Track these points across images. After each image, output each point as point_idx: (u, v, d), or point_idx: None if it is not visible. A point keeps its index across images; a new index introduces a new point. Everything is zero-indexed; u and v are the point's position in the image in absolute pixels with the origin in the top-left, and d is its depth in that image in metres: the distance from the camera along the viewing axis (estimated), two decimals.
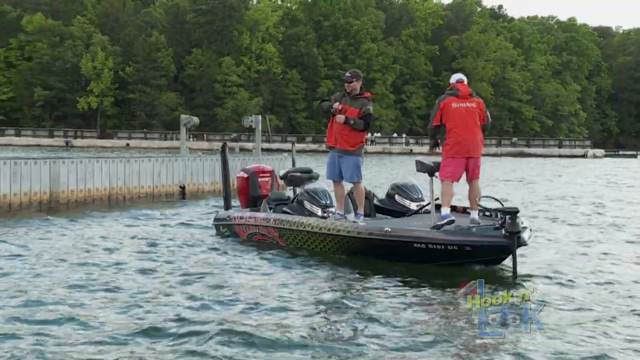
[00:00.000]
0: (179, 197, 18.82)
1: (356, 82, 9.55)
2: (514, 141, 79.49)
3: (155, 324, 6.12)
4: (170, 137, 73.16)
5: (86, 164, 16.21)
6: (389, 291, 7.54)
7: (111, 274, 8.29)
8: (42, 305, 6.74)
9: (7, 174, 14.16)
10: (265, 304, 6.87)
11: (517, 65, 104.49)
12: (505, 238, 8.18)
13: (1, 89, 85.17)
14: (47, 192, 15.09)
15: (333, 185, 9.81)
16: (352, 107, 9.45)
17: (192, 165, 19.66)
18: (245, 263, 9.10)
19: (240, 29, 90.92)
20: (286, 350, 5.49)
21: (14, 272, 8.30)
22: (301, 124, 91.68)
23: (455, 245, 8.43)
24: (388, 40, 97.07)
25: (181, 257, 9.48)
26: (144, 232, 11.99)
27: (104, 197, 16.63)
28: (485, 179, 30.47)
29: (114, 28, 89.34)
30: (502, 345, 5.65)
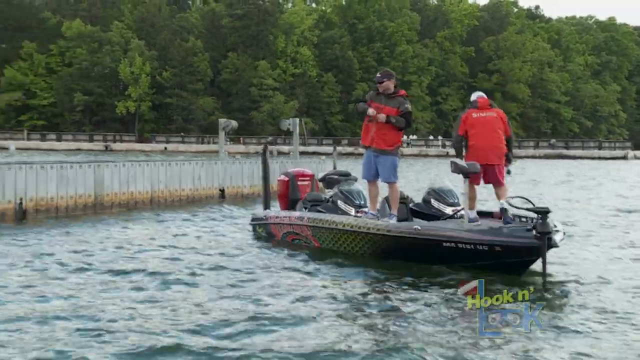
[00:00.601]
0: (218, 200, 19.00)
1: (388, 82, 9.41)
2: (553, 143, 78.55)
3: (186, 326, 6.17)
4: (207, 141, 73.91)
5: (129, 168, 16.45)
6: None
7: (146, 277, 8.34)
8: (87, 308, 6.81)
9: (54, 177, 14.44)
10: (282, 305, 6.93)
11: (554, 66, 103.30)
12: (535, 239, 8.00)
13: (42, 95, 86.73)
14: (92, 195, 15.35)
15: (368, 185, 9.78)
16: (388, 107, 9.36)
17: (231, 168, 19.83)
18: (277, 265, 9.12)
19: (275, 33, 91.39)
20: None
21: (54, 274, 8.42)
22: (337, 127, 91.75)
23: (485, 245, 8.28)
24: (423, 42, 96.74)
25: (217, 259, 9.53)
26: (183, 235, 12.13)
27: (146, 200, 16.86)
28: (522, 179, 30.23)
29: (150, 33, 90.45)
30: (524, 347, 5.59)
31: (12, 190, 13.68)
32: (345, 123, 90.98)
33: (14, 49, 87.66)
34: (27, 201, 13.93)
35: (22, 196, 13.83)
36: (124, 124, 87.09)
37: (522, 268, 8.36)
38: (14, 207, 13.69)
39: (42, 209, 14.26)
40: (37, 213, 14.13)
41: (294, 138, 22.86)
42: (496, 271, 8.16)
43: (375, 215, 9.60)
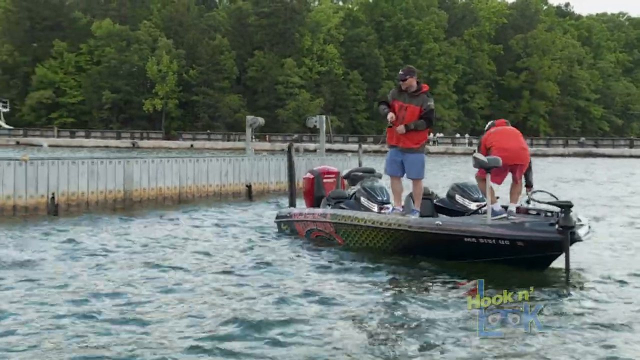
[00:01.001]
0: (245, 196, 19.16)
1: (411, 79, 9.34)
2: (582, 141, 77.72)
3: (207, 322, 6.20)
4: (233, 138, 74.30)
5: (157, 164, 16.68)
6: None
7: (171, 270, 8.40)
8: (114, 302, 6.87)
9: (85, 173, 14.70)
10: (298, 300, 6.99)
11: (584, 64, 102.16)
12: (558, 233, 7.87)
13: (72, 93, 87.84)
14: (121, 191, 15.59)
15: (391, 181, 9.76)
16: (412, 105, 9.31)
17: (257, 165, 19.99)
18: (300, 261, 9.14)
19: (301, 31, 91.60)
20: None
21: (82, 268, 8.53)
22: (362, 124, 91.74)
23: (507, 240, 8.19)
24: (451, 40, 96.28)
25: (240, 255, 9.61)
26: (209, 230, 12.26)
27: (175, 196, 17.07)
28: (546, 177, 30.07)
29: (178, 32, 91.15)
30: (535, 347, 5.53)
31: (45, 185, 13.97)
32: (371, 121, 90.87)
33: (45, 48, 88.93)
34: (59, 196, 14.20)
35: (54, 191, 14.10)
36: (151, 122, 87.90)
37: (545, 263, 8.29)
38: (46, 202, 13.97)
39: (74, 203, 14.54)
40: (68, 207, 14.40)
41: (320, 135, 22.95)
42: (519, 266, 8.10)
43: (400, 211, 9.58)
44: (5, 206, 13.35)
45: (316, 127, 23.13)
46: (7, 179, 13.36)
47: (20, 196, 13.57)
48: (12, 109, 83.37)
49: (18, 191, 13.55)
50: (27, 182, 13.69)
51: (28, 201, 13.71)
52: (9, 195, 13.39)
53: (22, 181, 13.61)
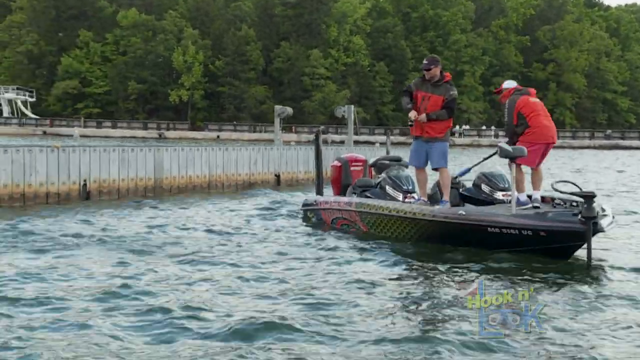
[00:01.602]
0: (274, 185, 19.16)
1: (435, 68, 9.35)
2: (609, 133, 76.80)
3: (222, 308, 6.19)
4: (259, 130, 74.43)
5: (187, 152, 16.72)
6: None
7: (193, 258, 8.41)
8: (131, 287, 6.86)
9: (116, 160, 14.76)
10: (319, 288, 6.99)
11: (612, 56, 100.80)
12: (580, 223, 7.86)
13: (98, 83, 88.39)
14: (151, 178, 15.65)
15: (416, 172, 9.80)
16: (435, 95, 9.33)
17: (286, 154, 19.98)
18: (321, 251, 9.08)
19: (328, 22, 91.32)
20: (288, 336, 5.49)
21: (104, 256, 8.50)
22: (388, 116, 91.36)
23: (529, 230, 8.22)
24: (477, 32, 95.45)
25: (264, 244, 9.57)
26: (235, 219, 12.23)
27: (204, 184, 17.11)
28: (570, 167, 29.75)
29: (204, 22, 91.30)
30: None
31: (77, 172, 14.04)
32: (397, 113, 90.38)
33: (70, 38, 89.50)
34: (91, 182, 14.28)
35: (86, 178, 14.18)
36: (176, 112, 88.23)
37: (568, 253, 8.29)
38: (78, 188, 14.04)
39: (105, 190, 14.62)
40: (99, 194, 14.49)
41: (348, 125, 22.88)
42: (542, 255, 8.11)
43: (425, 201, 9.61)
44: (39, 193, 13.45)
45: (344, 117, 23.05)
46: (40, 166, 13.45)
47: (52, 183, 13.67)
48: (38, 98, 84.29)
49: (51, 178, 13.65)
50: (59, 169, 13.77)
51: (60, 188, 13.81)
52: (42, 182, 13.49)
53: (55, 168, 13.71)
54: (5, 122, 73.80)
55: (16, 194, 13.09)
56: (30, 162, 13.26)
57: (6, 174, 12.94)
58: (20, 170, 13.12)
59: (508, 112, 9.31)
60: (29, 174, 13.25)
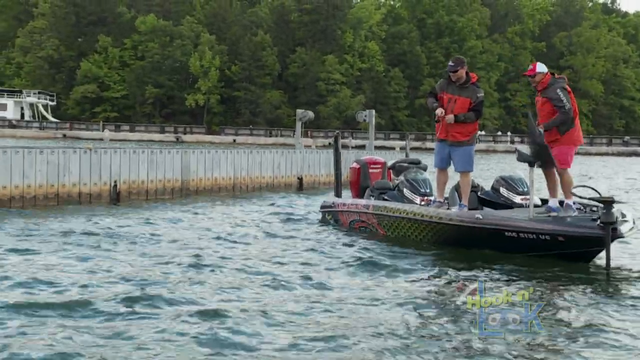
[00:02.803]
0: (296, 188, 19.46)
1: (461, 70, 9.12)
2: (627, 140, 76.59)
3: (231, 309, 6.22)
4: (275, 134, 74.92)
5: (213, 155, 17.05)
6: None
7: (214, 260, 8.48)
8: (148, 286, 6.96)
9: (145, 162, 15.10)
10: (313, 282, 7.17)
11: (630, 62, 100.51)
12: (599, 229, 7.80)
13: (116, 87, 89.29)
14: (179, 180, 15.98)
15: (437, 173, 9.64)
16: (462, 97, 9.15)
17: (308, 157, 20.28)
18: (340, 254, 9.05)
19: (343, 28, 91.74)
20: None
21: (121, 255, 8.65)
22: (403, 122, 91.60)
23: (547, 235, 8.16)
24: (493, 38, 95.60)
25: (284, 246, 9.63)
26: (259, 220, 12.40)
27: (229, 186, 17.43)
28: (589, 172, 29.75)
29: (221, 28, 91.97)
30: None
31: (108, 173, 14.39)
32: (412, 118, 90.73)
33: (90, 43, 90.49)
34: (121, 184, 14.62)
35: (116, 179, 14.53)
36: (192, 117, 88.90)
37: (587, 258, 8.25)
38: (109, 189, 14.40)
39: (134, 191, 14.96)
40: (129, 195, 14.82)
41: (369, 130, 23.15)
42: (561, 260, 8.07)
43: (441, 202, 9.57)
44: (71, 193, 13.79)
45: (365, 121, 23.34)
46: (73, 167, 13.79)
47: (85, 184, 14.00)
48: (57, 102, 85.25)
49: (83, 179, 13.98)
50: (91, 170, 14.12)
51: (92, 189, 14.14)
52: (74, 182, 13.83)
53: (87, 169, 14.05)
54: (27, 125, 74.77)
55: (50, 194, 13.44)
56: (64, 163, 13.61)
57: (41, 174, 13.29)
58: (55, 171, 13.48)
59: (566, 96, 8.78)
60: (62, 175, 13.60)
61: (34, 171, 13.22)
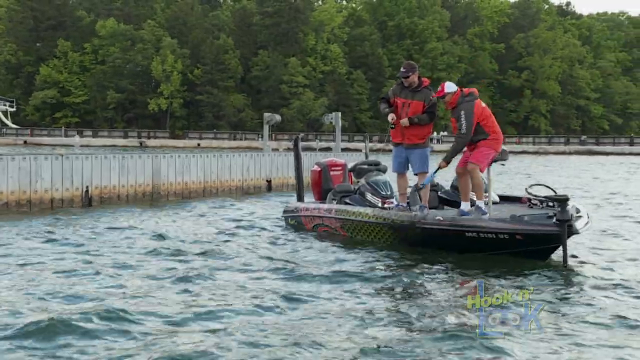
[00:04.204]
0: (265, 190, 19.75)
1: (413, 75, 9.38)
2: (583, 139, 78.40)
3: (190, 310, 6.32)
4: (239, 137, 75.00)
5: (183, 159, 17.26)
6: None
7: (180, 262, 8.62)
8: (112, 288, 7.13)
9: (116, 167, 15.25)
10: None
11: (585, 63, 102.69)
12: (555, 226, 8.07)
13: (76, 92, 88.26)
14: (149, 184, 16.15)
15: (397, 179, 9.87)
16: (415, 100, 9.36)
17: (276, 160, 20.58)
18: (300, 254, 9.19)
19: (305, 30, 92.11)
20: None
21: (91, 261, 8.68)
22: (366, 123, 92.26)
23: (506, 234, 8.39)
24: (453, 40, 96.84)
25: (240, 249, 9.65)
26: (227, 223, 12.47)
27: (199, 190, 17.64)
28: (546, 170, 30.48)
29: (182, 31, 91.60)
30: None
31: (80, 179, 14.52)
32: (375, 120, 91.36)
33: (49, 47, 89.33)
34: (93, 189, 14.75)
35: (88, 184, 14.66)
36: (155, 121, 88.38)
37: (545, 255, 8.50)
38: (81, 194, 14.52)
39: (106, 196, 15.11)
40: (101, 200, 14.96)
41: (336, 133, 23.52)
42: (519, 257, 8.30)
43: (404, 206, 9.69)
44: (44, 199, 13.90)
45: (332, 123, 23.70)
46: (45, 173, 13.90)
47: (57, 189, 14.12)
48: (17, 108, 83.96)
49: (55, 185, 14.09)
50: (63, 176, 14.23)
51: (64, 194, 14.26)
52: (46, 188, 13.94)
53: (59, 175, 14.16)
54: None
55: (23, 200, 13.54)
56: (35, 170, 13.73)
57: (13, 180, 13.39)
58: (27, 177, 13.58)
59: (467, 120, 8.88)
60: (34, 181, 13.70)
61: (6, 178, 13.32)
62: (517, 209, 9.49)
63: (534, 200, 9.69)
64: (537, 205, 9.60)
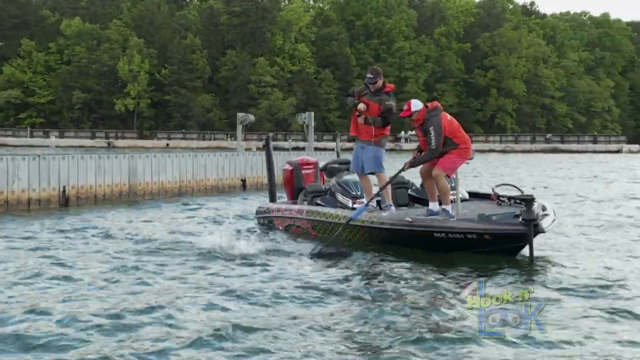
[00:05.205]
0: (240, 189, 19.87)
1: (380, 80, 9.70)
2: (549, 137, 79.70)
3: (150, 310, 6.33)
4: (208, 137, 74.81)
5: (159, 159, 17.31)
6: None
7: (150, 262, 8.59)
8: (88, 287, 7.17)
9: (92, 167, 15.26)
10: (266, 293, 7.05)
11: (549, 62, 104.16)
12: (522, 226, 8.29)
13: (41, 92, 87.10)
14: (126, 184, 16.19)
15: (359, 178, 10.04)
16: (373, 102, 9.64)
17: (251, 159, 20.71)
18: (268, 255, 9.13)
19: (273, 30, 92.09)
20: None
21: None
22: (334, 123, 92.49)
23: (474, 234, 8.59)
24: (420, 39, 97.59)
25: (226, 247, 9.53)
26: (202, 221, 12.50)
27: (175, 189, 17.71)
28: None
29: (149, 31, 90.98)
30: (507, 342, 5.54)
31: (57, 179, 14.51)
32: (343, 119, 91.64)
33: (12, 47, 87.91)
34: (70, 189, 14.75)
35: (65, 184, 14.65)
36: (122, 121, 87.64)
37: (512, 254, 8.69)
38: (58, 194, 14.51)
39: (83, 196, 15.11)
40: (78, 200, 14.96)
41: (309, 132, 23.70)
42: (486, 255, 8.48)
43: (374, 207, 9.78)
44: (21, 199, 13.86)
45: (305, 123, 23.89)
46: (22, 174, 13.87)
47: (34, 189, 14.09)
48: None
49: (32, 185, 14.07)
50: (40, 176, 14.21)
51: (41, 194, 14.24)
52: (23, 189, 13.91)
53: (36, 175, 14.14)
54: None
55: (0, 200, 13.50)
56: (13, 170, 13.68)
57: None
58: (4, 177, 13.54)
59: (436, 135, 9.08)
60: (11, 181, 13.67)
61: None
62: (485, 206, 9.71)
63: (503, 197, 9.89)
64: (505, 203, 9.80)
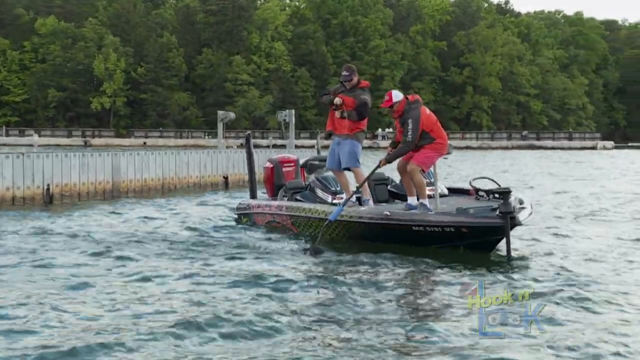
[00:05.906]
0: (222, 187, 20.00)
1: (355, 78, 9.84)
2: (525, 134, 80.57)
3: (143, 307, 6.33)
4: (185, 135, 74.63)
5: (142, 156, 17.39)
6: (388, 289, 7.16)
7: (130, 260, 8.57)
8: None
9: (76, 165, 15.31)
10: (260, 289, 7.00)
11: (524, 60, 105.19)
12: (499, 219, 8.27)
13: (16, 91, 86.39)
14: (109, 182, 16.25)
15: (336, 175, 10.10)
16: (348, 97, 9.73)
17: (232, 157, 20.84)
18: (251, 251, 9.13)
19: (249, 28, 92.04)
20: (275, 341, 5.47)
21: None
22: (311, 121, 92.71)
23: (451, 227, 8.60)
24: (396, 37, 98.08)
25: (193, 246, 9.55)
26: (184, 219, 12.49)
27: (158, 186, 17.79)
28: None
29: (125, 29, 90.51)
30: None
31: (41, 177, 14.54)
32: (320, 117, 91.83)
33: None
34: (54, 187, 14.79)
35: (49, 182, 14.69)
36: (98, 120, 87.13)
37: (490, 247, 8.74)
38: (42, 192, 14.55)
39: (67, 194, 15.16)
40: (62, 198, 15.01)
41: (290, 130, 23.86)
42: (465, 249, 8.59)
43: (353, 202, 9.76)
44: (5, 197, 13.89)
45: (286, 120, 24.05)
46: (6, 172, 13.89)
47: (18, 187, 14.12)
48: None
49: (16, 183, 14.10)
50: (24, 174, 14.24)
51: (25, 192, 14.27)
52: (7, 187, 13.93)
53: (20, 174, 14.16)
54: None
55: None
56: None
57: None
58: None
59: (413, 127, 9.13)
60: None
61: None
62: (464, 201, 9.84)
63: (481, 192, 10.00)
64: (484, 197, 9.89)
